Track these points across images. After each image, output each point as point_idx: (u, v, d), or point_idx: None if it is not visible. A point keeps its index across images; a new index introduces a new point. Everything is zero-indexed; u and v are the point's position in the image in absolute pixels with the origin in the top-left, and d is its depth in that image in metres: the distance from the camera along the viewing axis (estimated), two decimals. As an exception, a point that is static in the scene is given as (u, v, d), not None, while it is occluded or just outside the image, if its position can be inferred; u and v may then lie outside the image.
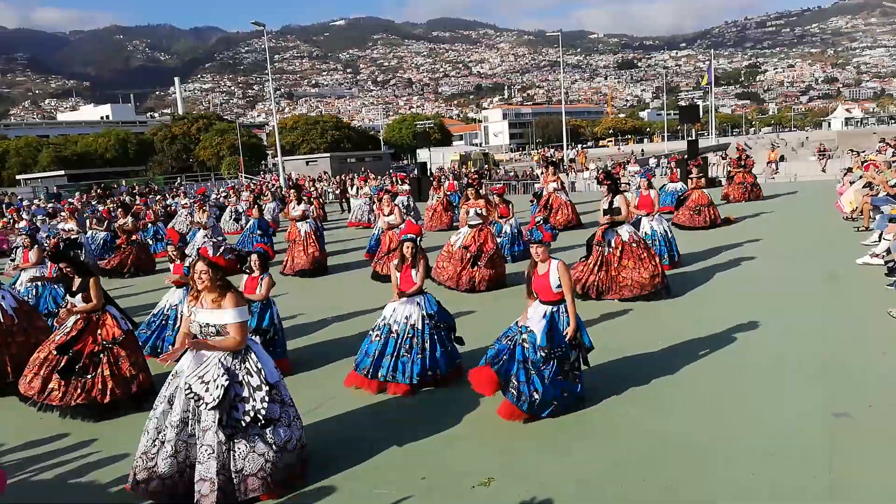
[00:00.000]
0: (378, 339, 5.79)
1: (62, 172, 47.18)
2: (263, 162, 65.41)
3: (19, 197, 32.97)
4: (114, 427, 5.51)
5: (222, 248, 12.12)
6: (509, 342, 5.04)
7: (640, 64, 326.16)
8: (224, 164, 57.97)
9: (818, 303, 7.62)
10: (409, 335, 5.70)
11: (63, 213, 16.80)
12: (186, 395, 3.96)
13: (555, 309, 5.06)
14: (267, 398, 3.99)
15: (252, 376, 4.03)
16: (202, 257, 4.16)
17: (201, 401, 3.91)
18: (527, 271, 5.24)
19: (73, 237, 12.27)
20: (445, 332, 5.88)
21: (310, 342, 7.65)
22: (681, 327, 6.99)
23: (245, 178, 45.30)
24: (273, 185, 33.16)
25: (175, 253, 7.51)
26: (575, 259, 9.03)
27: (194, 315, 4.12)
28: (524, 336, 4.97)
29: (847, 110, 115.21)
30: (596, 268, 8.36)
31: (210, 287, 4.10)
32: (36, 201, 29.59)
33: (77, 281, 5.86)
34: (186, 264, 6.95)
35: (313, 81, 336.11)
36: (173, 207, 21.15)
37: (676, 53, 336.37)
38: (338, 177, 32.55)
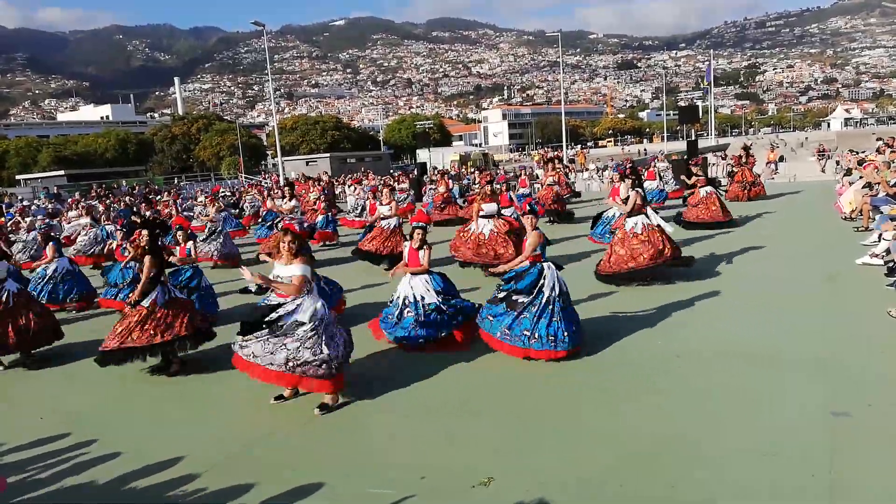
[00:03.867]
0: (409, 314, 6.78)
1: (62, 172, 47.13)
2: (263, 162, 65.46)
3: (20, 197, 32.97)
4: (114, 427, 5.52)
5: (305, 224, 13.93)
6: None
7: (639, 64, 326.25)
8: (224, 164, 58.02)
9: (818, 302, 7.63)
10: (429, 308, 6.75)
11: (80, 209, 17.85)
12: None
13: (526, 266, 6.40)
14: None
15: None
16: (289, 230, 5.54)
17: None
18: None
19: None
20: (454, 300, 6.93)
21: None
22: (680, 325, 7.00)
23: (245, 177, 45.32)
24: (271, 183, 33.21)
25: (181, 237, 8.79)
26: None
27: (275, 269, 5.48)
28: None
29: (846, 111, 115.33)
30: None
31: (290, 251, 5.41)
32: (36, 201, 29.59)
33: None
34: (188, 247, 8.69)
35: (313, 81, 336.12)
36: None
37: (676, 54, 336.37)
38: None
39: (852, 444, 4.26)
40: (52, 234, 11.68)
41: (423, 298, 6.78)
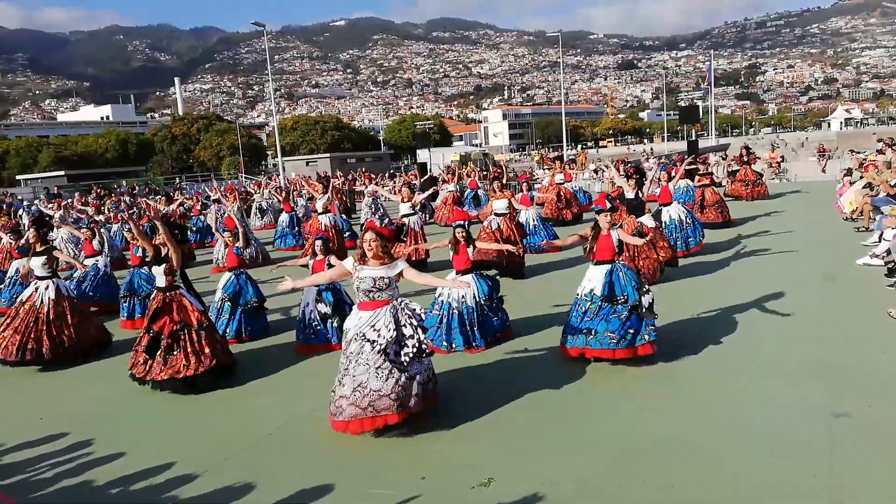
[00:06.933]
0: (444, 318, 6.69)
1: (62, 173, 47.12)
2: (263, 162, 65.50)
3: (20, 197, 32.94)
4: (113, 427, 5.51)
5: (386, 220, 13.59)
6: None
7: (639, 64, 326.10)
8: (224, 164, 58.08)
9: (818, 303, 7.62)
10: (469, 311, 6.69)
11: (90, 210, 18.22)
12: (361, 340, 4.75)
13: (611, 268, 6.05)
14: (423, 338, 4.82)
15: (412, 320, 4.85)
16: (371, 228, 4.91)
17: (375, 343, 4.70)
18: (591, 236, 6.28)
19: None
20: (497, 302, 6.94)
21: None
22: (680, 326, 7.00)
23: (245, 177, 45.32)
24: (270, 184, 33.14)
25: (230, 238, 8.13)
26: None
27: (361, 273, 4.86)
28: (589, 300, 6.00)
29: (847, 111, 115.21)
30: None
31: (377, 252, 4.84)
32: (36, 202, 29.57)
33: (164, 252, 6.32)
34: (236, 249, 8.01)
35: (313, 82, 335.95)
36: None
37: (676, 54, 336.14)
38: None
39: (852, 444, 4.26)
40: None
41: (469, 304, 6.72)
